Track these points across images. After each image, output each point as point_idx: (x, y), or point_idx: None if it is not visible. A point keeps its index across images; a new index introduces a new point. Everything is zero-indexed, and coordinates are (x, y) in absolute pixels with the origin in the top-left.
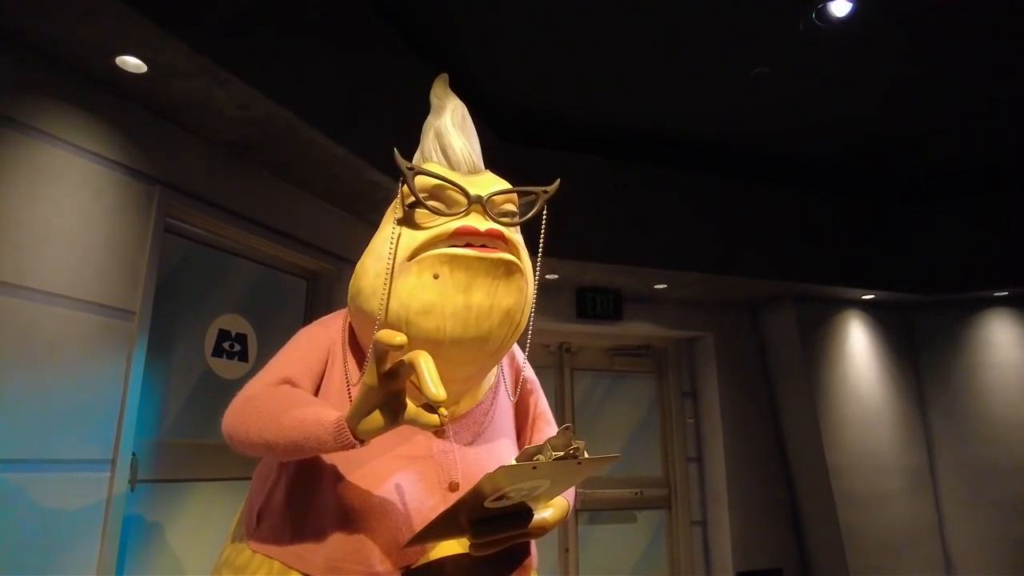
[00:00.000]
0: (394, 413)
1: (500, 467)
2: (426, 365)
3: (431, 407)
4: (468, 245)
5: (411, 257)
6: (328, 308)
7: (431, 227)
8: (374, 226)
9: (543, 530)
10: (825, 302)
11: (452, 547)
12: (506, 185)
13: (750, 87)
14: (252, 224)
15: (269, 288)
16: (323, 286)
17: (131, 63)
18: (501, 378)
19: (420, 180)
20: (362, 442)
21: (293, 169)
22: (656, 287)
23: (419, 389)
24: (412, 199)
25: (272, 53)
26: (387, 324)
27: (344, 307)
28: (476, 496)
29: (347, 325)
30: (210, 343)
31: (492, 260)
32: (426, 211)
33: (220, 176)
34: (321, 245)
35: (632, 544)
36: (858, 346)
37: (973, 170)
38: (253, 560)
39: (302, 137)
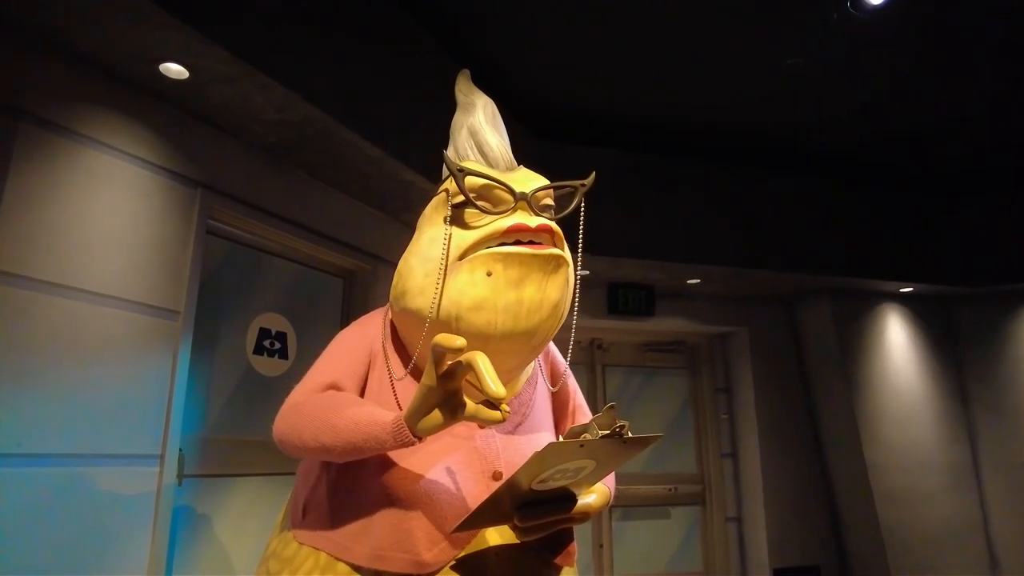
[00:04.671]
0: (453, 411)
1: (549, 444)
2: (484, 364)
3: (491, 403)
4: (517, 242)
5: (462, 256)
6: (364, 305)
7: (480, 226)
8: (408, 225)
9: (587, 515)
10: (862, 296)
11: (496, 535)
12: (544, 180)
13: (783, 79)
14: (289, 224)
15: (307, 287)
16: (359, 284)
17: (174, 69)
18: (539, 370)
19: (467, 180)
20: (419, 439)
21: (328, 170)
22: (689, 282)
23: (479, 387)
24: (459, 199)
25: (309, 56)
26: (437, 321)
27: (379, 305)
28: (524, 476)
29: (387, 323)
30: (251, 341)
31: (544, 256)
32: (474, 211)
33: (258, 177)
34: (356, 244)
35: (666, 540)
36: (896, 340)
37: (1014, 160)
38: (300, 552)
39: (338, 138)
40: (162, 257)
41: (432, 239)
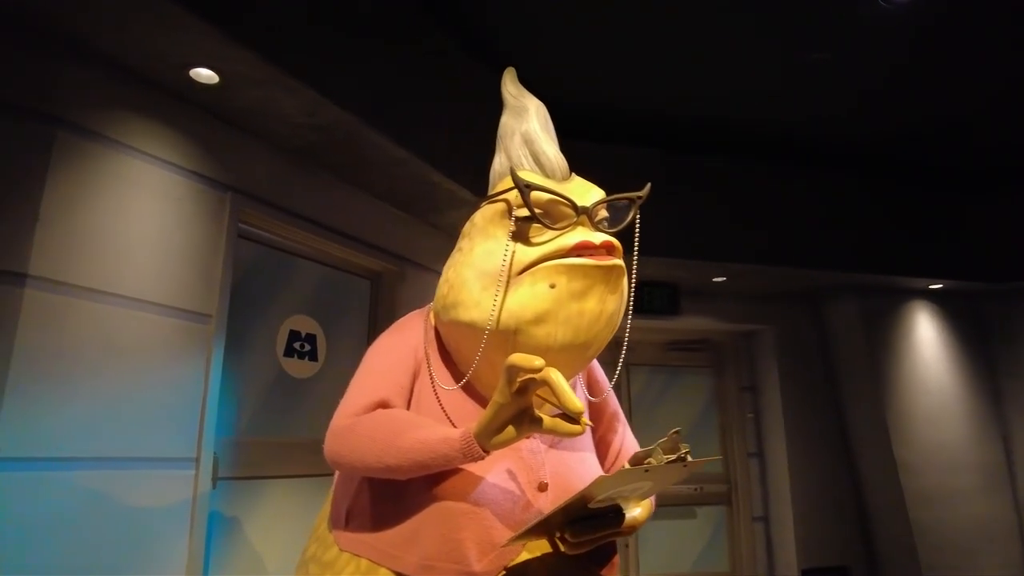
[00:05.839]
0: (526, 426)
1: (618, 471)
2: (560, 381)
3: (567, 417)
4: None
5: (523, 270)
6: (392, 306)
7: (542, 241)
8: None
9: (633, 529)
10: (890, 293)
11: (543, 546)
12: (598, 191)
13: (808, 74)
14: (317, 226)
15: (335, 289)
16: (386, 285)
17: (204, 74)
18: (579, 380)
19: (532, 196)
20: (487, 454)
21: (355, 172)
22: (715, 280)
23: (557, 403)
24: (521, 212)
25: (336, 60)
26: (495, 334)
27: (406, 306)
28: (586, 496)
29: (429, 330)
30: (281, 343)
31: (607, 267)
32: (535, 225)
33: (285, 180)
34: (382, 245)
35: (692, 540)
36: (926, 338)
37: None
38: (340, 557)
39: (365, 141)
40: (194, 261)
41: (488, 252)
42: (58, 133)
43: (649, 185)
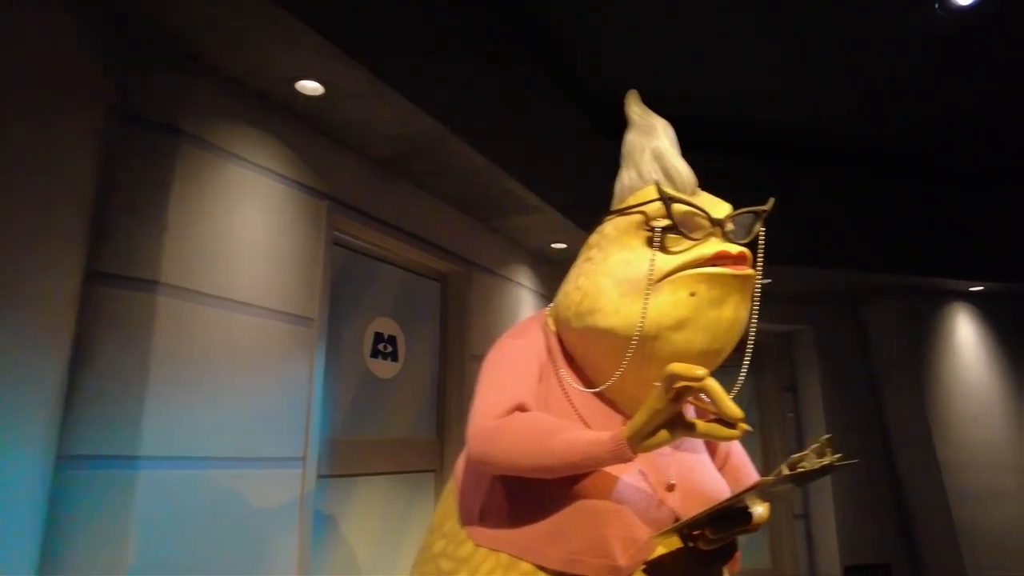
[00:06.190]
0: (679, 430)
1: (776, 475)
2: (718, 388)
3: (723, 421)
4: (714, 264)
5: (662, 278)
6: (461, 307)
7: (680, 251)
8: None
9: (758, 527)
10: (930, 294)
11: (673, 542)
12: (728, 205)
13: (850, 77)
14: (396, 231)
15: (410, 291)
16: (453, 287)
17: (309, 87)
18: None
19: (660, 207)
20: (634, 456)
21: (434, 179)
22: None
23: (716, 410)
24: (661, 224)
25: (429, 72)
26: (638, 339)
27: (473, 307)
28: (742, 498)
29: (550, 336)
30: (368, 345)
31: (743, 276)
32: (672, 235)
33: (371, 187)
34: (451, 248)
35: None
36: (967, 339)
37: None
38: (477, 553)
39: (448, 149)
40: (297, 267)
41: (626, 261)
42: (181, 145)
43: (772, 200)
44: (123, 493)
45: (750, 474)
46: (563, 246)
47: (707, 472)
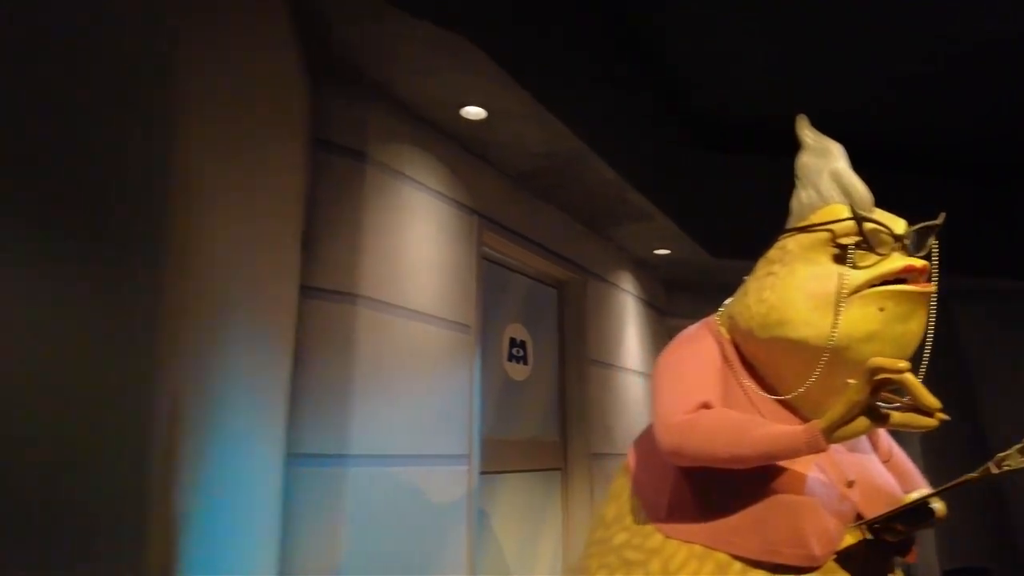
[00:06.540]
0: (875, 420)
1: (990, 472)
2: (916, 381)
3: (921, 411)
4: (897, 280)
5: (852, 292)
6: (578, 313)
7: (866, 266)
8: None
9: (941, 522)
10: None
11: (855, 534)
12: (904, 221)
13: (934, 84)
14: (526, 241)
15: (534, 298)
16: (569, 294)
17: (473, 112)
18: None
19: (848, 225)
20: (827, 447)
21: (559, 191)
22: None
23: (916, 401)
24: (849, 240)
25: (572, 92)
26: (829, 350)
27: (589, 312)
28: (938, 494)
29: (725, 344)
30: (504, 349)
31: (927, 293)
32: (857, 251)
33: (507, 201)
34: (569, 256)
35: None
36: None
37: None
38: (668, 544)
39: (584, 164)
40: (456, 278)
41: (815, 275)
42: (366, 168)
43: (944, 214)
44: (336, 489)
45: (913, 471)
46: (666, 252)
47: (880, 469)
